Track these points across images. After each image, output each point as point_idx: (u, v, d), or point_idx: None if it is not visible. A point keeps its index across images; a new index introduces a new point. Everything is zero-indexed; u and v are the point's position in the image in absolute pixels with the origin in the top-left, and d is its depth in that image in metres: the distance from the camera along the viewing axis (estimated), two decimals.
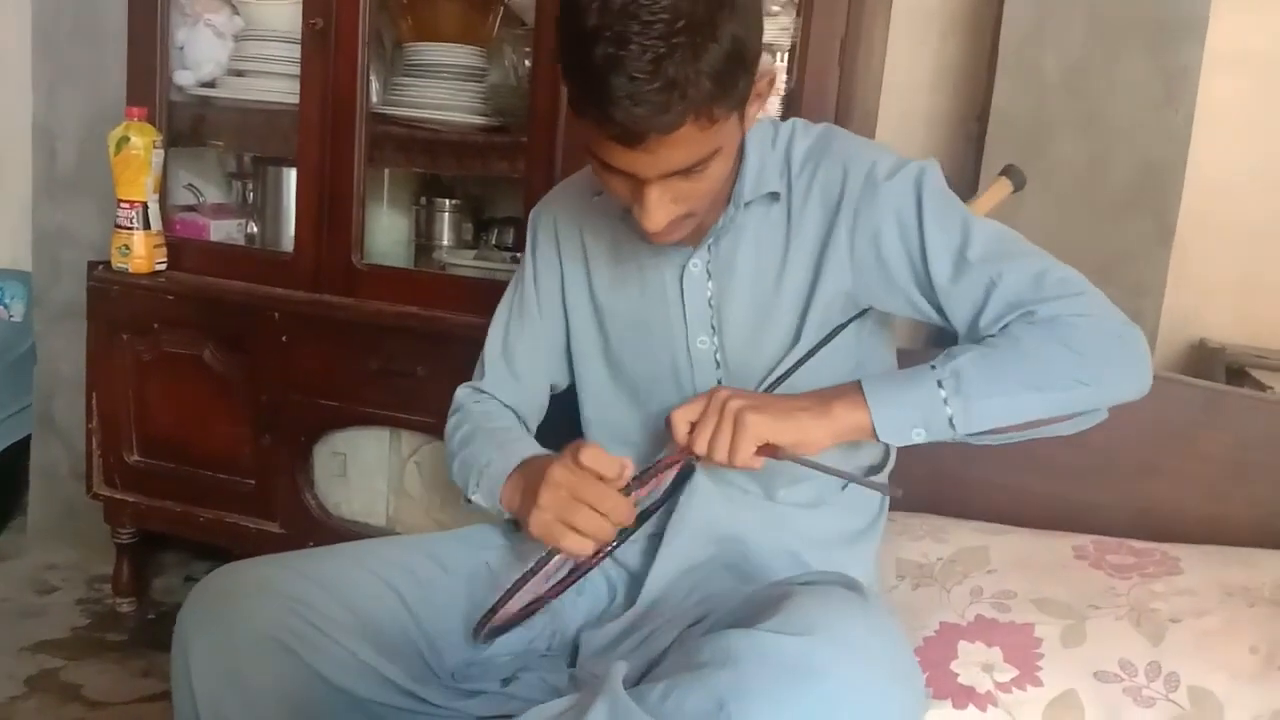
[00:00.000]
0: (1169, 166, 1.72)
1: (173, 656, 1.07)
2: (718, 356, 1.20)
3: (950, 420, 1.03)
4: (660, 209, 1.03)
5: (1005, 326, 1.07)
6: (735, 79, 0.96)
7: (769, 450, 1.04)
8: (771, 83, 1.07)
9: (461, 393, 1.34)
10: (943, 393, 1.03)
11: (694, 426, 1.07)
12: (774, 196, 1.15)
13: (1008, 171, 1.44)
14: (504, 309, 1.33)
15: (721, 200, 1.14)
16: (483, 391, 1.32)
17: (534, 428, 1.33)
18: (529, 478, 1.11)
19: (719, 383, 1.19)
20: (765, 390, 1.15)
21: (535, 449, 1.19)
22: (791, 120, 1.20)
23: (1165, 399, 1.50)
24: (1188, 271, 1.84)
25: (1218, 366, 1.76)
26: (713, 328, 1.19)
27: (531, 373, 1.31)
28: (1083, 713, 1.16)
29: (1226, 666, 1.18)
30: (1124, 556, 1.36)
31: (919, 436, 1.05)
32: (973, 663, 1.21)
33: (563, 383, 1.34)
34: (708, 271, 1.18)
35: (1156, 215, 1.73)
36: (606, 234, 1.24)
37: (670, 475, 1.14)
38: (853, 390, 1.06)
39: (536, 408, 1.34)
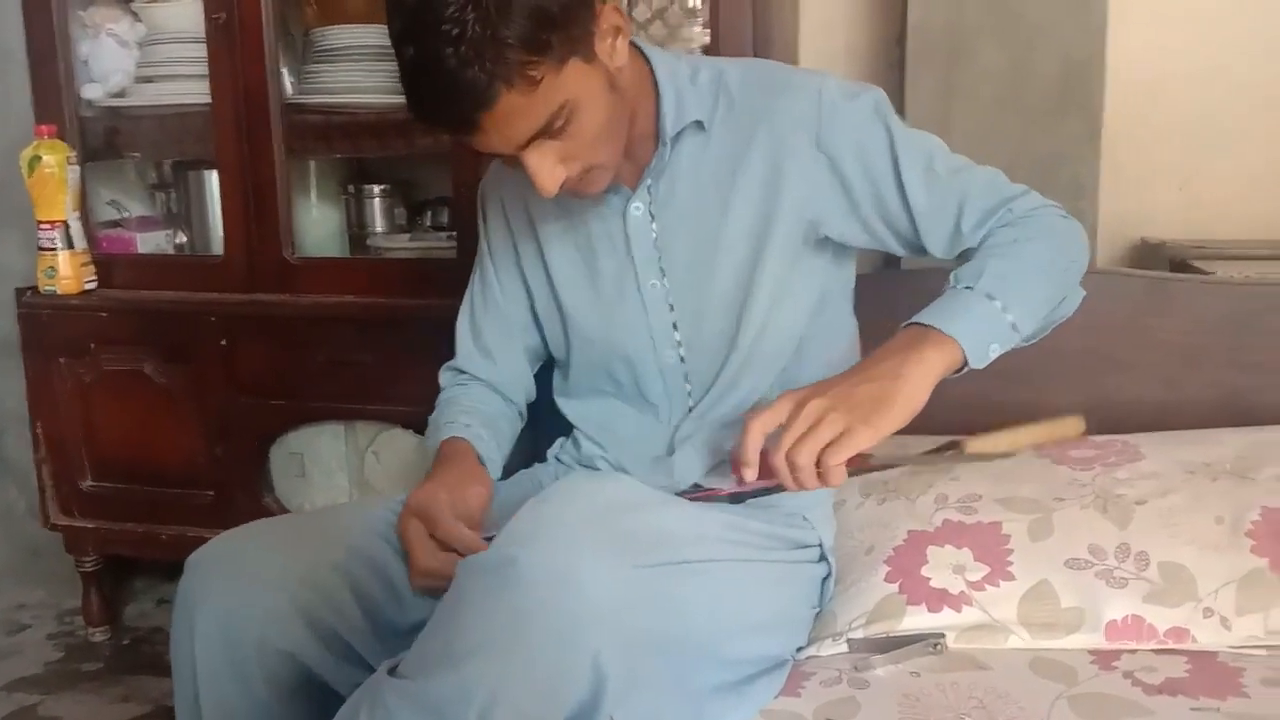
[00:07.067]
0: (1090, 63, 1.71)
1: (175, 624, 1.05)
2: (670, 300, 1.18)
3: (1014, 325, 1.03)
4: (544, 173, 1.02)
5: (988, 234, 1.10)
6: (544, 37, 0.94)
7: (859, 461, 0.96)
8: (619, 26, 1.03)
9: (443, 376, 1.34)
10: (997, 303, 1.02)
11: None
12: (699, 125, 1.14)
13: None
14: (470, 287, 1.33)
15: (647, 140, 1.13)
16: (461, 371, 1.32)
17: (522, 400, 1.34)
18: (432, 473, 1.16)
19: (674, 326, 1.18)
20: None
21: (452, 448, 1.19)
22: (716, 57, 1.20)
23: (1111, 293, 1.50)
24: (1123, 173, 1.84)
25: (1161, 262, 1.76)
26: (661, 270, 1.17)
27: (502, 350, 1.31)
28: (1057, 600, 1.15)
29: (1195, 540, 1.18)
30: (1085, 450, 1.35)
31: (994, 353, 1.03)
32: (944, 565, 1.20)
33: (543, 351, 1.33)
34: (650, 213, 1.16)
35: (1084, 114, 1.72)
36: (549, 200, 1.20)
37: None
38: (922, 331, 1.01)
39: (518, 382, 1.33)
